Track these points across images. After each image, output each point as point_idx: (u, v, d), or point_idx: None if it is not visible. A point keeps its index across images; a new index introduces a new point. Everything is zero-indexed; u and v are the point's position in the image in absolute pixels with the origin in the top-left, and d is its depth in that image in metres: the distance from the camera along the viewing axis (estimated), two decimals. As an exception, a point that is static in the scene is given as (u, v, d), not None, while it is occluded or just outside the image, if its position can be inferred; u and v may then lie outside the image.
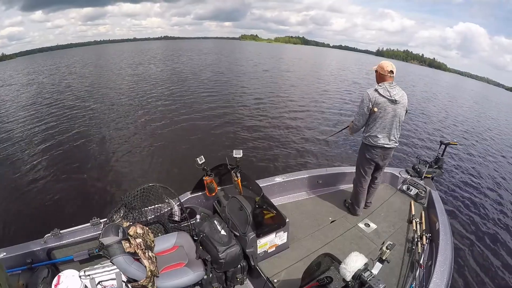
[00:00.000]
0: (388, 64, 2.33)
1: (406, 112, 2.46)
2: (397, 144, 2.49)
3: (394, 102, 2.30)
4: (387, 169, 3.22)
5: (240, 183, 2.41)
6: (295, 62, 30.26)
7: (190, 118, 7.88)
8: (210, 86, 12.59)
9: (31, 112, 8.61)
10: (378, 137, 2.41)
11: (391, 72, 2.32)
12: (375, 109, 2.32)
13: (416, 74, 36.77)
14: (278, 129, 7.41)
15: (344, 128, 2.96)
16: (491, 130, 11.00)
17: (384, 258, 1.88)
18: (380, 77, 2.36)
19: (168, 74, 16.08)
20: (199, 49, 43.05)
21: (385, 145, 2.43)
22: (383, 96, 2.30)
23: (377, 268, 1.88)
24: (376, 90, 2.32)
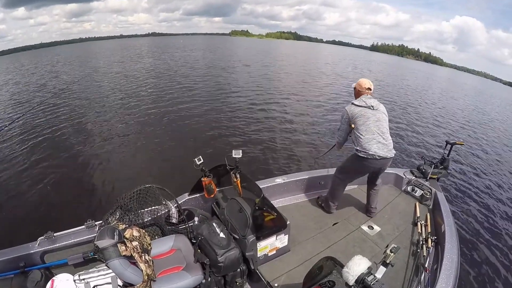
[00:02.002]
0: (366, 82, 2.51)
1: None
2: (393, 154, 2.40)
3: (371, 107, 2.37)
4: (391, 170, 3.17)
5: (239, 184, 2.37)
6: (295, 59, 30.26)
7: (189, 117, 7.84)
8: (209, 84, 12.61)
9: (18, 111, 8.45)
10: (370, 145, 2.32)
11: (369, 89, 2.48)
12: (352, 126, 2.40)
13: (411, 69, 36.60)
14: (280, 129, 7.36)
15: (333, 147, 2.90)
16: (494, 126, 10.95)
17: (388, 261, 1.84)
18: (358, 93, 2.53)
19: (161, 73, 15.89)
20: (184, 45, 42.76)
21: (378, 155, 2.31)
22: (359, 106, 2.40)
23: (380, 272, 1.83)
24: (352, 103, 2.46)
